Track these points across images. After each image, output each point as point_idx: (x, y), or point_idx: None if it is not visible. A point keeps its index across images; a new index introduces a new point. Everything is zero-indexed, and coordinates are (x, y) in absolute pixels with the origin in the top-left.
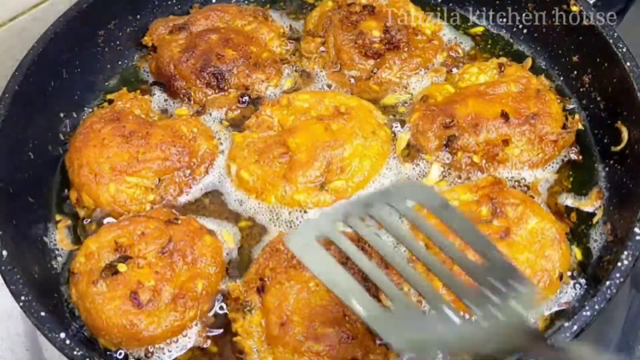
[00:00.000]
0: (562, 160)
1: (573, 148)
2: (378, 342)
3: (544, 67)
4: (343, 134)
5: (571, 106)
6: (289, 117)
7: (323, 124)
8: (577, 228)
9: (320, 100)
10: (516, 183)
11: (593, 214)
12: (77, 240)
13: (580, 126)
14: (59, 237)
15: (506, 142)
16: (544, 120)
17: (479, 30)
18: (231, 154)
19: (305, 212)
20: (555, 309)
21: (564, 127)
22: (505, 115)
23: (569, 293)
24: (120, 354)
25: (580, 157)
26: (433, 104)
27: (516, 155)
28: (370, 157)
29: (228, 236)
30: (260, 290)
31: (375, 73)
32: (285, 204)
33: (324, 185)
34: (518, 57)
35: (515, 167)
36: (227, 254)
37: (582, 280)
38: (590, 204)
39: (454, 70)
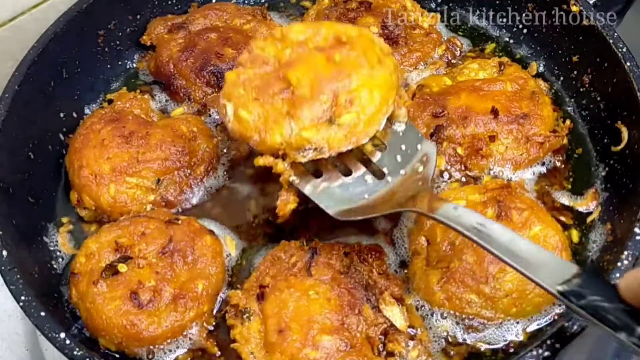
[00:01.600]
0: (547, 164)
1: (559, 152)
2: (377, 352)
3: (543, 67)
4: (347, 64)
5: (566, 111)
6: (284, 51)
7: (324, 55)
8: (576, 228)
9: (317, 31)
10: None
11: (589, 214)
12: (78, 243)
13: (566, 139)
14: (61, 240)
15: (493, 138)
16: (533, 121)
17: (492, 46)
18: (225, 93)
19: (317, 150)
20: (544, 322)
21: (554, 131)
22: (495, 112)
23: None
24: (120, 354)
25: (565, 162)
26: (427, 94)
27: (500, 152)
28: (380, 87)
29: (230, 242)
30: (260, 297)
31: None
32: (294, 143)
33: (332, 120)
34: (518, 60)
35: (498, 164)
36: (227, 255)
37: None
38: (586, 204)
39: (454, 62)
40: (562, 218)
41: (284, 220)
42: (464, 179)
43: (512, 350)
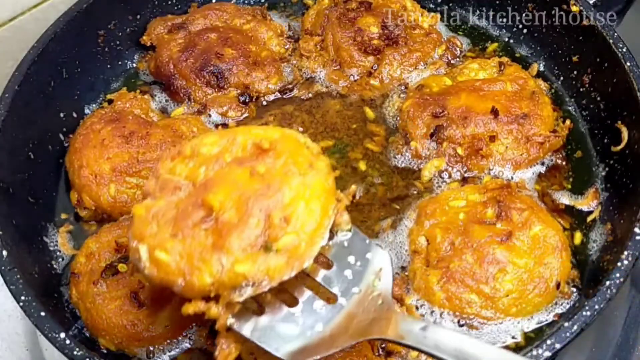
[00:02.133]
0: (547, 164)
1: (559, 152)
2: (377, 353)
3: (543, 67)
4: (275, 175)
5: (566, 111)
6: (198, 170)
7: (246, 169)
8: (576, 227)
9: (232, 140)
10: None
11: (590, 213)
12: (78, 243)
13: (571, 129)
14: (61, 241)
15: (493, 138)
16: (533, 121)
17: (494, 46)
18: (135, 234)
19: (255, 284)
20: (544, 322)
21: (554, 131)
22: (495, 112)
23: (563, 305)
24: (121, 354)
25: (565, 161)
26: (427, 94)
27: (500, 152)
28: (317, 196)
29: None
30: None
31: (375, 69)
32: (227, 282)
33: (269, 245)
34: (519, 60)
35: (498, 164)
36: None
37: (575, 291)
38: (587, 203)
39: (454, 62)
40: (562, 222)
41: None
42: (464, 179)
43: (512, 350)
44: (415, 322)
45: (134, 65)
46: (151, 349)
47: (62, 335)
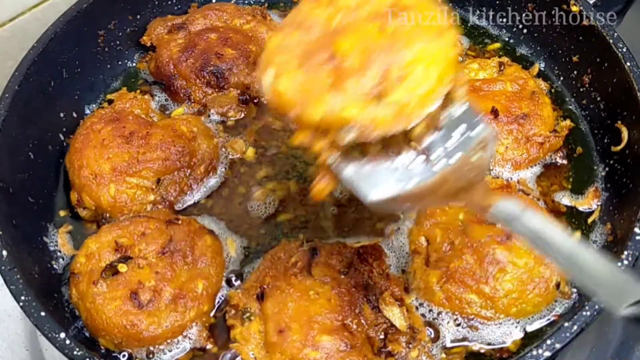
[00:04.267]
0: (547, 165)
1: (559, 152)
2: (377, 352)
3: (543, 67)
4: (402, 35)
5: (567, 111)
6: (335, 16)
7: (377, 24)
8: (577, 228)
9: None
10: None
11: (590, 213)
12: (78, 243)
13: (571, 129)
14: (61, 241)
15: None
16: (533, 121)
17: (496, 46)
18: (266, 58)
19: (361, 130)
20: (544, 322)
21: (554, 131)
22: (494, 112)
23: (563, 305)
24: (121, 354)
25: (566, 161)
26: None
27: (500, 152)
28: (437, 63)
29: (230, 242)
30: (260, 297)
31: None
32: (337, 120)
33: (381, 97)
34: (519, 60)
35: (498, 164)
36: (227, 255)
37: (575, 291)
38: (587, 203)
39: None
40: (562, 222)
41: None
42: None
43: (512, 350)
44: (502, 198)
45: (134, 65)
46: (151, 349)
47: (62, 335)
